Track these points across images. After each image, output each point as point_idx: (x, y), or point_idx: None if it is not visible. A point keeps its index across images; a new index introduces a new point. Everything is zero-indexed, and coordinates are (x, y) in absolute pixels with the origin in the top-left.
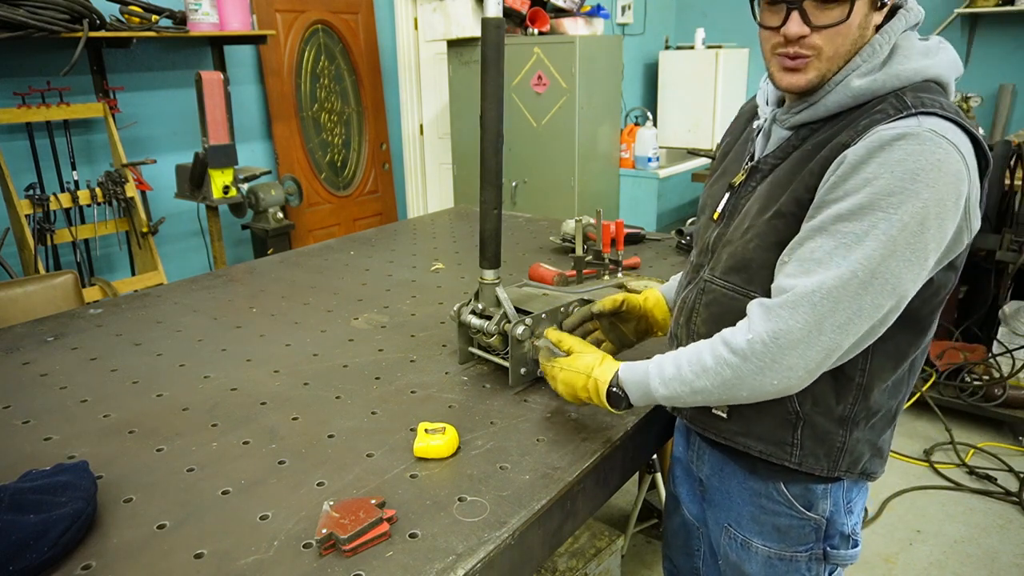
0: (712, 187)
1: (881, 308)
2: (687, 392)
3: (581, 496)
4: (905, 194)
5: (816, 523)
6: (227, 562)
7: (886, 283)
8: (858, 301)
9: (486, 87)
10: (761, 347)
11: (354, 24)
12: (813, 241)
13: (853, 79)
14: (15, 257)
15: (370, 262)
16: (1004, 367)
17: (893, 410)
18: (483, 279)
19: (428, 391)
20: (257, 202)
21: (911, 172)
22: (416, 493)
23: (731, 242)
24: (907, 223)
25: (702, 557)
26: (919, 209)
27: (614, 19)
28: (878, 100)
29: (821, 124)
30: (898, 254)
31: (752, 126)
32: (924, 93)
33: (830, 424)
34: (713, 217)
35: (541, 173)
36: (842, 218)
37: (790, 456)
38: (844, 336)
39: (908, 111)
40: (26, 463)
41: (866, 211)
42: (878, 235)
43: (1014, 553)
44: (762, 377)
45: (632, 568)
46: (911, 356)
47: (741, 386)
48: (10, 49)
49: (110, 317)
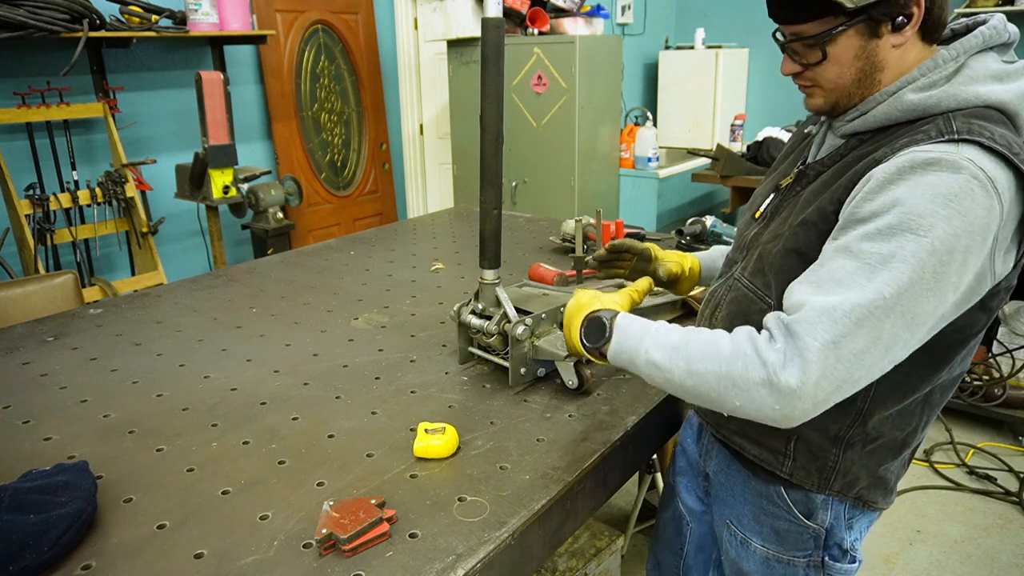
0: (764, 183)
1: (898, 339)
2: (681, 368)
3: (581, 496)
4: (936, 217)
5: (815, 532)
6: (227, 562)
7: (906, 311)
8: (879, 327)
9: (486, 87)
10: (780, 369)
11: (354, 24)
12: (834, 262)
13: (907, 93)
14: (15, 257)
15: (370, 262)
16: (1004, 367)
17: (900, 441)
18: (483, 279)
19: (428, 391)
20: (257, 202)
21: (943, 197)
22: (416, 493)
23: (763, 244)
24: (936, 248)
25: (687, 554)
26: (949, 236)
27: (614, 19)
28: (929, 119)
29: (871, 135)
30: (924, 282)
31: (807, 131)
32: (978, 120)
33: (823, 441)
34: (755, 216)
35: (541, 173)
36: (868, 237)
37: (782, 466)
38: (858, 366)
39: (951, 136)
40: (26, 463)
41: (894, 232)
42: (906, 257)
43: (1014, 553)
44: (767, 392)
45: (632, 568)
46: (923, 390)
47: (741, 391)
48: (10, 49)
49: (110, 317)
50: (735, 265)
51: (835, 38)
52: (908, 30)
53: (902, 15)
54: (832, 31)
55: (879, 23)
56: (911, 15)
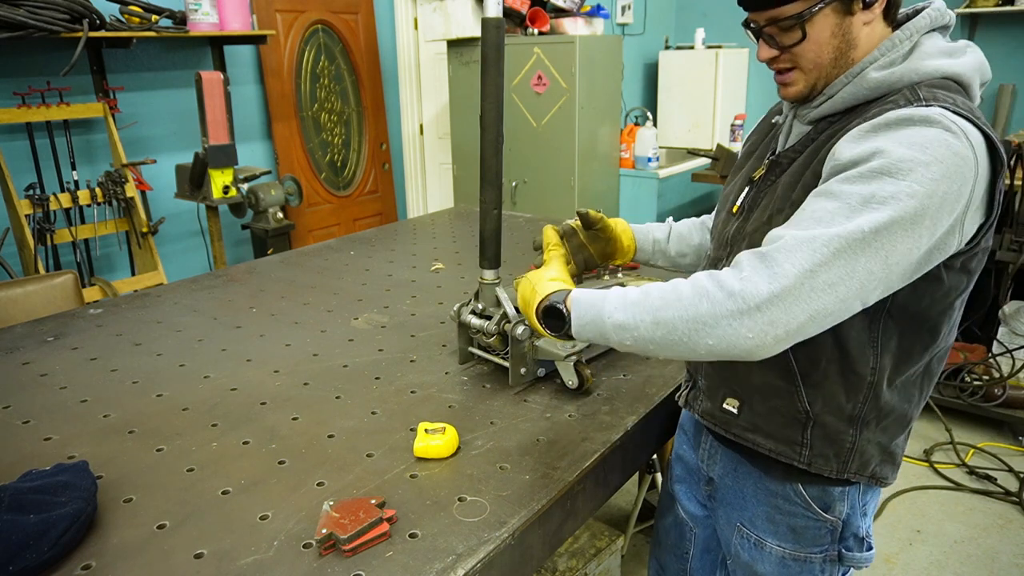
0: (732, 182)
1: (872, 276)
2: (647, 323)
3: (581, 496)
4: (916, 163)
5: (832, 524)
6: (227, 562)
7: (882, 248)
8: (853, 261)
9: (486, 87)
10: (752, 288)
11: (354, 24)
12: (815, 204)
13: (870, 71)
14: (15, 257)
15: (370, 262)
16: (1004, 367)
17: (907, 414)
18: (483, 279)
19: (428, 391)
20: (257, 202)
21: (920, 145)
22: (416, 493)
23: (747, 237)
24: (915, 192)
25: (692, 557)
26: (928, 180)
27: (614, 19)
28: (893, 92)
29: (839, 117)
30: (902, 222)
31: (774, 122)
32: (940, 89)
33: (840, 423)
34: (732, 211)
35: (541, 173)
36: (848, 180)
37: (799, 456)
38: (831, 297)
39: (919, 103)
40: (26, 463)
41: (875, 175)
42: (885, 198)
43: (1014, 553)
44: (738, 324)
45: (632, 568)
46: (923, 359)
47: (712, 328)
48: (10, 49)
49: (110, 317)
50: (719, 263)
51: (814, 16)
52: (876, 7)
53: None
54: (812, 8)
55: (852, 0)
56: None
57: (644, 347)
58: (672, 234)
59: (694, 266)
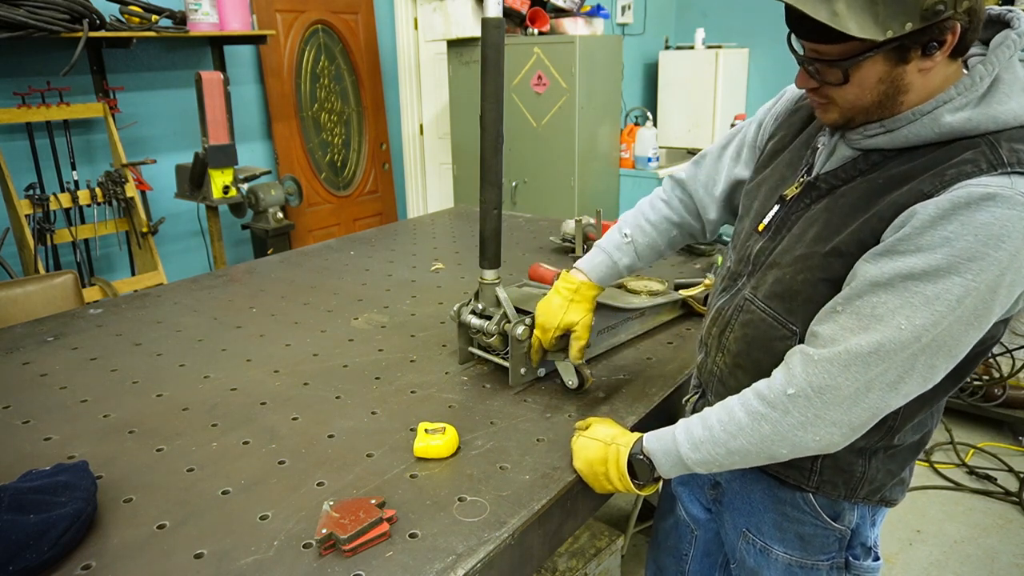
0: (759, 189)
1: (934, 369)
2: (722, 454)
3: (581, 496)
4: (987, 260)
5: (841, 533)
6: (227, 562)
7: (943, 345)
8: (912, 361)
9: (486, 87)
10: (804, 401)
11: (354, 24)
12: (875, 296)
13: (944, 114)
14: (15, 257)
15: (370, 262)
16: (1004, 367)
17: (919, 442)
18: (483, 279)
19: (428, 391)
20: (257, 202)
21: (996, 238)
22: (416, 493)
23: (778, 265)
24: (982, 291)
25: (691, 560)
26: (996, 276)
27: (614, 19)
28: (967, 144)
29: (896, 153)
30: (964, 319)
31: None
32: (1021, 144)
33: (850, 455)
34: (758, 228)
35: (541, 173)
36: (914, 277)
37: (808, 481)
38: (893, 395)
39: (1002, 168)
40: (26, 463)
41: (942, 274)
42: (950, 300)
43: (1014, 553)
44: (803, 433)
45: (632, 568)
46: (944, 399)
47: (781, 442)
48: (10, 49)
49: (110, 317)
50: (739, 279)
51: (860, 63)
52: (938, 55)
53: (934, 42)
54: (858, 56)
55: (909, 49)
56: (944, 42)
57: (731, 466)
58: (639, 251)
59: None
